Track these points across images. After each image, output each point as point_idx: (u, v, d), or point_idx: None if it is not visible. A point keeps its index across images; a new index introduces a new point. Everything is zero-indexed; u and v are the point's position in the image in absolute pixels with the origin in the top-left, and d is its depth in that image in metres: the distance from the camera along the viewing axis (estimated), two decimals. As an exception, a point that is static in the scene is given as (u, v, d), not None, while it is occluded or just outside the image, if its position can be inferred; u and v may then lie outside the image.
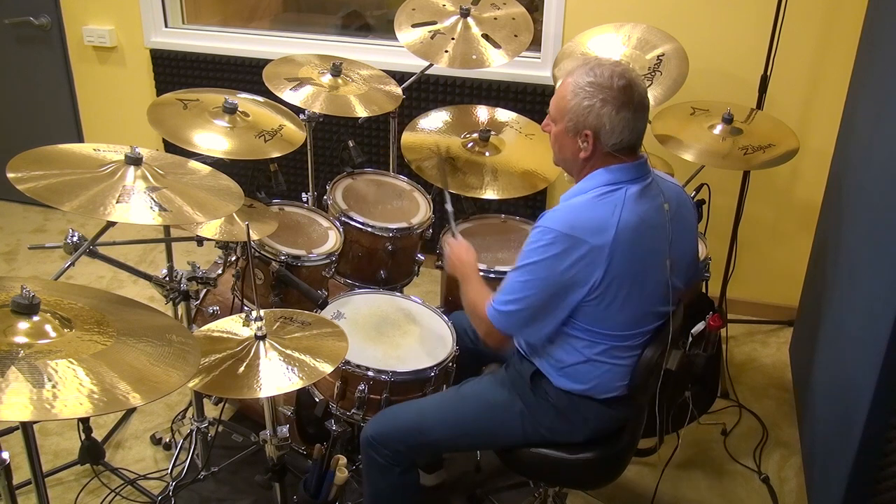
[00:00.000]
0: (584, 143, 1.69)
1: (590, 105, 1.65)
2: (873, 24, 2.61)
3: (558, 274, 1.65)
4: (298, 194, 2.69)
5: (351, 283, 2.51)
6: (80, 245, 1.84)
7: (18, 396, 1.16)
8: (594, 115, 1.66)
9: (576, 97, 1.67)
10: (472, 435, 1.90)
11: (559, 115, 1.73)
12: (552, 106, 1.76)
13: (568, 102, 1.69)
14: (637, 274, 1.69)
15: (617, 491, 2.35)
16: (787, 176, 3.12)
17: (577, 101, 1.67)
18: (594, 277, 1.65)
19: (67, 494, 2.31)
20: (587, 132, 1.68)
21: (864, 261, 2.13)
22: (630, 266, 1.67)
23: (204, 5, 3.88)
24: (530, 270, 1.68)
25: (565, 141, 1.73)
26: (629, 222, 1.66)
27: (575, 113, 1.68)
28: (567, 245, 1.63)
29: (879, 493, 1.91)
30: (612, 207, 1.66)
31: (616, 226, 1.65)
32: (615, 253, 1.64)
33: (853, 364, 2.06)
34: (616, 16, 2.92)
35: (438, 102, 3.31)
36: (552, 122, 1.76)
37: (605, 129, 1.66)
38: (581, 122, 1.67)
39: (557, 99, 1.73)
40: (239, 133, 2.20)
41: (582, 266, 1.64)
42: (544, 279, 1.67)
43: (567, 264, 1.64)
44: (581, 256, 1.63)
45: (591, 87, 1.65)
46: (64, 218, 4.00)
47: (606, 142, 1.68)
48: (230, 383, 1.58)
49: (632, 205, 1.67)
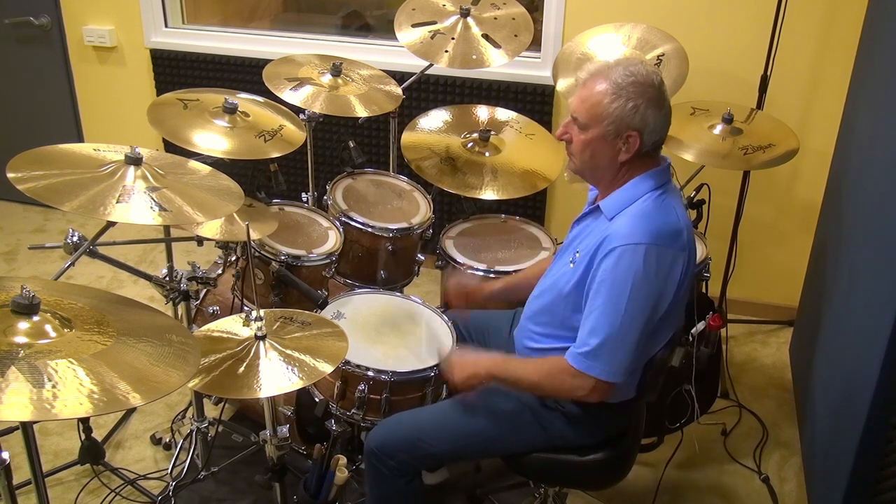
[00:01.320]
0: (624, 145, 1.66)
1: (635, 105, 1.62)
2: (873, 24, 2.61)
3: (653, 288, 1.61)
4: (298, 194, 2.69)
5: (351, 283, 2.51)
6: (80, 245, 1.84)
7: (18, 396, 1.16)
8: (640, 115, 1.62)
9: (618, 98, 1.62)
10: (479, 445, 1.86)
11: (594, 120, 1.65)
12: (582, 112, 1.68)
13: (608, 105, 1.63)
14: (692, 275, 1.68)
15: (617, 491, 2.34)
16: (787, 176, 3.12)
17: (621, 103, 1.62)
18: (676, 285, 1.63)
19: (67, 494, 2.31)
20: (631, 133, 1.64)
21: (864, 261, 2.13)
22: (693, 267, 1.67)
23: (204, 5, 3.88)
24: (630, 301, 1.59)
25: (600, 146, 1.67)
26: (687, 224, 1.67)
27: (618, 115, 1.63)
28: (657, 255, 1.59)
29: (879, 493, 1.91)
30: (671, 210, 1.66)
31: (685, 229, 1.65)
32: (690, 256, 1.65)
33: (853, 364, 2.06)
34: (616, 16, 2.92)
35: (438, 102, 3.31)
36: (579, 129, 1.69)
37: (649, 128, 1.64)
38: (625, 123, 1.63)
39: (591, 104, 1.65)
40: (239, 133, 2.20)
41: (673, 273, 1.62)
42: (647, 296, 1.61)
43: (661, 274, 1.60)
44: (670, 263, 1.61)
45: (634, 87, 1.62)
46: (64, 218, 4.00)
47: (648, 141, 1.66)
48: (230, 383, 1.57)
49: (679, 207, 1.68)
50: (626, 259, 1.59)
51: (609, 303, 1.61)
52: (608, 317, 1.62)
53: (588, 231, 1.77)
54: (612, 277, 1.61)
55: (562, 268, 1.80)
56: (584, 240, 1.75)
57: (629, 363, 1.64)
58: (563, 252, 1.86)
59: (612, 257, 1.61)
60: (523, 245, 2.60)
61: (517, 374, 1.76)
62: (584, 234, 1.78)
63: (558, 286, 1.78)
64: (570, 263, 1.75)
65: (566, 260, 1.79)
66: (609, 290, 1.61)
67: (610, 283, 1.61)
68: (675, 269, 1.62)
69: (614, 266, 1.60)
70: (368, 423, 2.00)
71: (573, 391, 1.68)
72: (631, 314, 1.60)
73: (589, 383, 1.65)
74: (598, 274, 1.64)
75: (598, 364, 1.63)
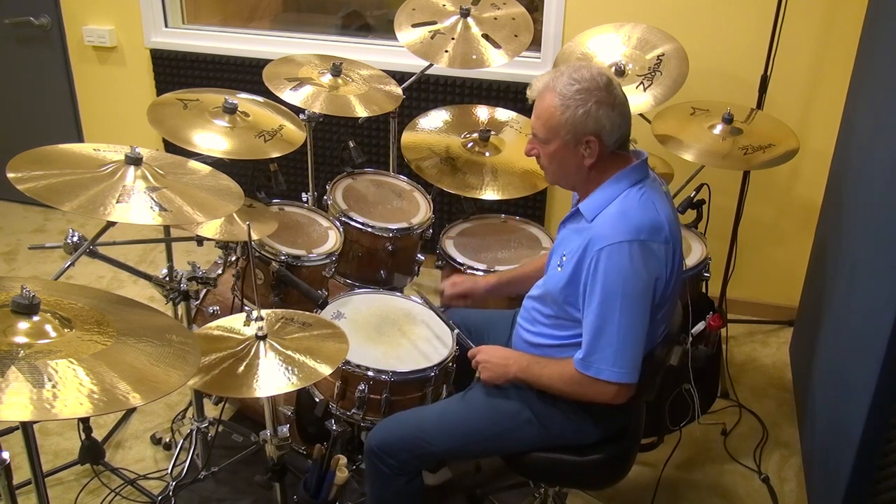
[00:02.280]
0: (586, 150, 1.68)
1: (585, 111, 1.64)
2: (873, 24, 2.61)
3: (644, 282, 1.62)
4: (298, 194, 2.69)
5: (351, 283, 2.51)
6: (80, 245, 1.83)
7: (18, 396, 1.16)
8: (592, 119, 1.64)
9: (567, 109, 1.65)
10: (479, 444, 1.87)
11: (551, 134, 1.69)
12: (538, 128, 1.71)
13: (560, 117, 1.66)
14: (680, 267, 1.69)
15: (617, 491, 2.35)
16: (787, 176, 3.12)
17: (572, 112, 1.64)
18: (665, 277, 1.65)
19: (67, 494, 2.31)
20: (589, 138, 1.66)
21: (864, 261, 2.13)
22: (679, 259, 1.68)
23: (204, 5, 3.88)
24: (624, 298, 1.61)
25: (564, 155, 1.70)
26: (669, 216, 1.68)
27: (572, 124, 1.65)
28: (641, 250, 1.61)
29: (879, 493, 1.90)
30: (650, 205, 1.66)
31: (666, 221, 1.66)
32: (675, 249, 1.66)
33: (853, 364, 2.06)
34: (616, 16, 2.92)
35: (438, 102, 3.31)
36: (542, 143, 1.73)
37: (606, 129, 1.66)
38: (581, 130, 1.65)
39: (544, 119, 1.69)
40: (239, 133, 2.20)
41: (659, 266, 1.63)
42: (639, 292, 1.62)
43: (649, 268, 1.62)
44: (655, 257, 1.63)
45: (580, 94, 1.64)
46: (64, 218, 4.00)
47: (609, 141, 1.67)
48: (230, 382, 1.57)
49: (659, 200, 1.69)
50: (612, 259, 1.61)
51: (604, 305, 1.63)
52: (607, 320, 1.63)
53: (572, 234, 1.79)
54: (602, 280, 1.63)
55: (551, 271, 1.83)
56: (569, 243, 1.76)
57: (636, 360, 1.66)
58: (552, 255, 1.88)
59: (599, 260, 1.63)
60: (523, 245, 2.60)
61: (542, 381, 1.78)
62: (568, 238, 1.79)
63: (549, 289, 1.81)
64: (558, 267, 1.77)
65: (554, 263, 1.81)
66: (602, 292, 1.63)
67: (601, 286, 1.63)
68: (660, 260, 1.64)
69: (602, 268, 1.62)
70: (368, 423, 2.01)
71: (598, 396, 1.70)
72: (628, 312, 1.62)
73: (610, 388, 1.66)
74: (588, 278, 1.66)
75: (605, 367, 1.65)
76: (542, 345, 1.84)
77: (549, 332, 1.82)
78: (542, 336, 1.84)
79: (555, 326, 1.80)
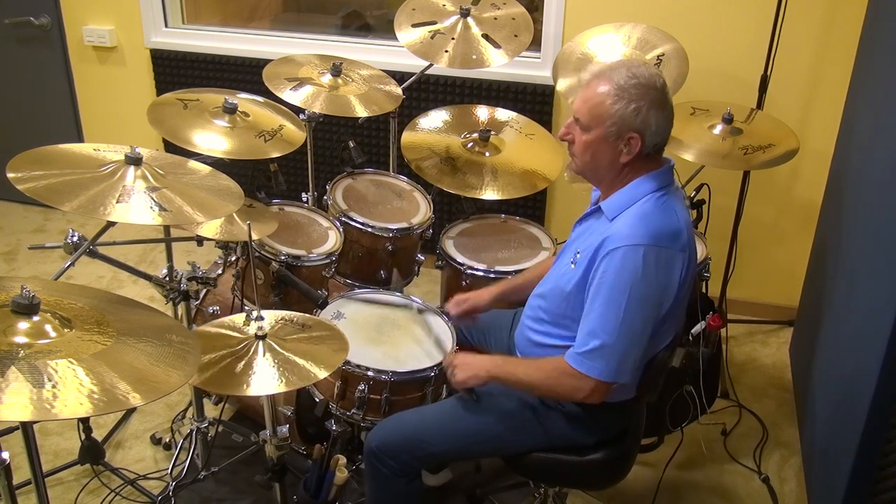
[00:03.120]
0: (625, 146, 1.66)
1: (637, 107, 1.62)
2: (873, 24, 2.61)
3: (653, 288, 1.61)
4: (298, 194, 2.69)
5: (351, 283, 2.51)
6: (80, 245, 1.83)
7: (18, 396, 1.16)
8: (641, 116, 1.63)
9: (620, 100, 1.62)
10: (479, 444, 1.87)
11: (596, 121, 1.66)
12: (584, 113, 1.68)
13: (609, 107, 1.63)
14: (692, 275, 1.69)
15: (617, 491, 2.34)
16: (787, 176, 3.12)
17: (623, 105, 1.62)
18: (676, 286, 1.64)
19: (67, 494, 2.31)
20: (632, 135, 1.64)
21: (864, 260, 2.13)
22: (693, 268, 1.67)
23: (204, 5, 3.88)
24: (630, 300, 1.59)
25: (602, 147, 1.68)
26: (688, 224, 1.68)
27: (620, 116, 1.63)
28: (656, 256, 1.60)
29: (879, 493, 1.91)
30: (671, 211, 1.66)
31: (685, 229, 1.65)
32: (691, 257, 1.65)
33: (853, 364, 2.06)
34: (616, 16, 2.92)
35: (438, 102, 3.31)
36: (582, 129, 1.69)
37: (651, 130, 1.64)
38: (627, 124, 1.63)
39: (592, 105, 1.66)
40: (239, 133, 2.20)
41: (672, 274, 1.62)
42: (646, 297, 1.61)
43: (661, 274, 1.61)
44: (669, 264, 1.62)
45: (636, 90, 1.62)
46: (64, 218, 4.00)
47: (650, 143, 1.66)
48: (229, 381, 1.57)
49: (680, 207, 1.69)
50: (626, 260, 1.60)
51: (608, 304, 1.62)
52: (607, 318, 1.62)
53: (589, 231, 1.77)
54: (611, 278, 1.61)
55: (563, 268, 1.81)
56: (585, 240, 1.75)
57: (629, 363, 1.64)
58: (565, 252, 1.86)
59: (612, 258, 1.61)
60: (523, 245, 2.60)
61: (517, 376, 1.76)
62: (585, 235, 1.78)
63: (559, 286, 1.78)
64: (572, 264, 1.75)
65: (567, 260, 1.79)
66: (609, 291, 1.62)
67: (609, 284, 1.61)
68: (674, 269, 1.63)
69: (614, 267, 1.61)
70: (368, 423, 2.00)
71: (573, 392, 1.68)
72: (630, 315, 1.61)
73: (588, 385, 1.65)
74: (597, 275, 1.64)
75: (597, 365, 1.64)
76: (547, 345, 1.82)
77: (556, 331, 1.80)
78: (548, 336, 1.82)
79: (561, 326, 1.79)
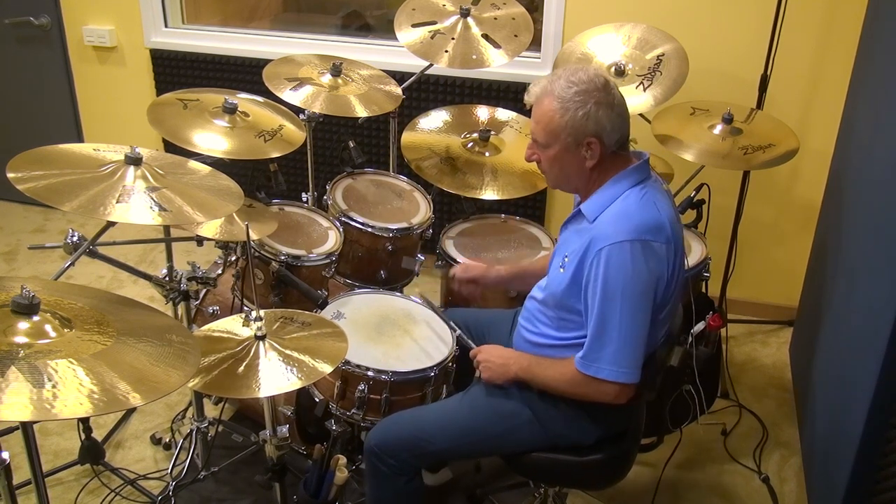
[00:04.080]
0: (587, 151, 1.68)
1: (585, 112, 1.64)
2: (873, 24, 2.61)
3: (645, 282, 1.62)
4: (298, 194, 2.69)
5: (351, 283, 2.51)
6: (80, 245, 1.83)
7: (18, 396, 1.16)
8: (592, 120, 1.65)
9: (567, 111, 1.65)
10: (479, 443, 1.87)
11: (551, 138, 1.69)
12: (538, 133, 1.72)
13: (560, 120, 1.66)
14: (681, 268, 1.69)
15: (617, 491, 2.34)
16: (787, 176, 3.12)
17: (571, 115, 1.65)
18: (666, 277, 1.65)
19: (67, 494, 2.31)
20: (590, 139, 1.66)
21: (864, 260, 2.13)
22: (680, 260, 1.68)
23: (204, 5, 3.88)
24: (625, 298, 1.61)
25: (566, 159, 1.70)
26: (671, 216, 1.68)
27: (572, 127, 1.66)
28: (643, 249, 1.61)
29: (879, 493, 1.91)
30: (651, 205, 1.67)
31: (667, 221, 1.66)
32: (677, 250, 1.66)
33: (853, 364, 2.06)
34: (616, 16, 2.92)
35: (438, 102, 3.31)
36: (542, 148, 1.73)
37: (606, 129, 1.66)
38: (581, 132, 1.66)
39: (543, 123, 1.69)
40: (239, 133, 2.20)
41: (661, 266, 1.63)
42: (640, 291, 1.62)
43: (651, 267, 1.62)
44: (657, 256, 1.62)
45: (578, 96, 1.64)
46: (64, 218, 4.00)
47: (609, 142, 1.68)
48: (230, 383, 1.57)
49: (661, 200, 1.69)
50: (613, 259, 1.61)
51: (605, 305, 1.63)
52: (608, 320, 1.63)
53: (574, 235, 1.79)
54: (603, 280, 1.63)
55: (554, 272, 1.82)
56: (571, 244, 1.76)
57: (637, 360, 1.66)
58: (555, 256, 1.88)
59: (600, 260, 1.63)
60: (523, 245, 2.60)
61: (544, 383, 1.78)
62: (571, 239, 1.80)
63: (552, 289, 1.80)
64: (561, 268, 1.77)
65: (557, 264, 1.81)
66: (603, 292, 1.63)
67: (602, 286, 1.63)
68: (661, 260, 1.64)
69: (603, 268, 1.62)
70: (368, 423, 2.00)
71: (600, 396, 1.69)
72: (629, 312, 1.62)
73: (611, 388, 1.66)
74: (590, 279, 1.66)
75: (606, 366, 1.65)
76: (543, 344, 1.84)
77: (551, 332, 1.82)
78: (543, 336, 1.84)
79: (556, 328, 1.80)
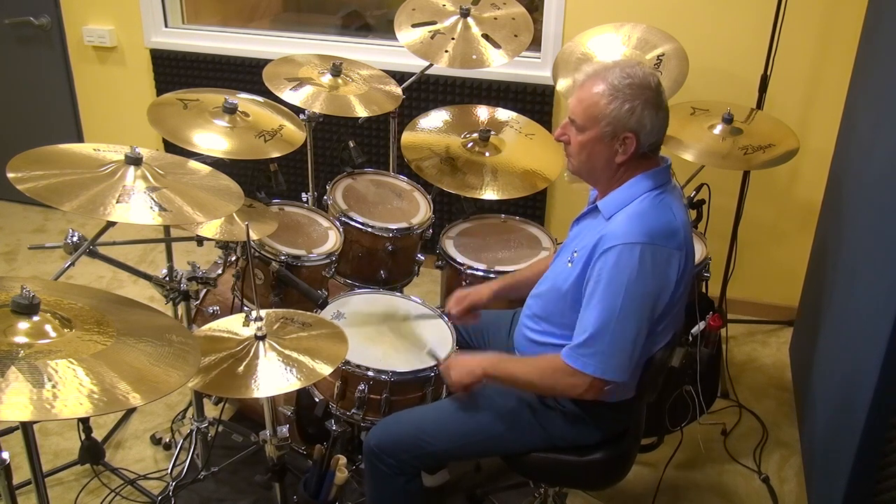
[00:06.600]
0: (621, 146, 1.66)
1: (632, 107, 1.62)
2: (873, 24, 2.61)
3: (649, 287, 1.61)
4: (298, 194, 2.69)
5: (351, 283, 2.51)
6: (80, 245, 1.83)
7: (18, 396, 1.16)
8: (636, 116, 1.63)
9: (615, 100, 1.63)
10: (479, 444, 1.86)
11: (590, 122, 1.66)
12: (579, 114, 1.69)
13: (604, 107, 1.64)
14: (689, 274, 1.69)
15: (617, 491, 2.35)
16: (787, 176, 3.12)
17: (618, 105, 1.62)
18: (673, 284, 1.64)
19: (67, 494, 2.31)
20: (628, 135, 1.65)
21: (864, 261, 2.13)
22: (689, 267, 1.67)
23: (204, 5, 3.88)
24: (626, 299, 1.60)
25: (597, 147, 1.68)
26: (685, 223, 1.68)
27: (615, 117, 1.63)
28: (652, 255, 1.60)
29: (879, 493, 1.91)
30: (668, 210, 1.66)
31: (682, 227, 1.65)
32: (688, 255, 1.65)
33: (853, 364, 2.06)
34: (616, 16, 2.92)
35: (438, 102, 3.31)
36: (577, 130, 1.70)
37: (646, 129, 1.65)
38: (622, 124, 1.64)
39: (587, 105, 1.66)
40: (239, 133, 2.20)
41: (668, 273, 1.62)
42: (642, 295, 1.61)
43: (657, 274, 1.61)
44: (665, 263, 1.62)
45: (630, 89, 1.62)
46: (64, 218, 4.00)
47: (645, 142, 1.66)
48: (230, 383, 1.58)
49: (677, 206, 1.69)
50: (622, 258, 1.60)
51: (604, 301, 1.63)
52: (603, 315, 1.63)
53: (587, 230, 1.78)
54: (607, 276, 1.62)
55: (560, 267, 1.81)
56: (582, 239, 1.75)
57: (625, 361, 1.65)
58: (563, 251, 1.87)
59: (608, 256, 1.62)
60: (523, 245, 2.60)
61: (513, 373, 1.77)
62: (582, 234, 1.79)
63: (556, 285, 1.79)
64: (569, 263, 1.76)
65: (565, 259, 1.80)
66: (605, 289, 1.62)
67: (605, 283, 1.62)
68: (671, 267, 1.63)
69: (610, 265, 1.61)
70: (368, 423, 2.00)
71: (569, 389, 1.69)
72: (626, 313, 1.61)
73: (584, 381, 1.65)
74: (594, 273, 1.65)
75: (592, 362, 1.64)
76: (546, 343, 1.83)
77: (553, 329, 1.81)
78: (546, 335, 1.83)
79: (559, 324, 1.79)
